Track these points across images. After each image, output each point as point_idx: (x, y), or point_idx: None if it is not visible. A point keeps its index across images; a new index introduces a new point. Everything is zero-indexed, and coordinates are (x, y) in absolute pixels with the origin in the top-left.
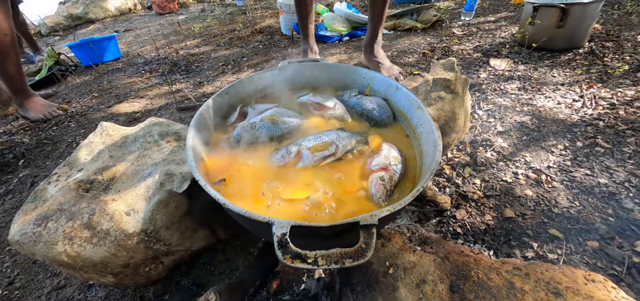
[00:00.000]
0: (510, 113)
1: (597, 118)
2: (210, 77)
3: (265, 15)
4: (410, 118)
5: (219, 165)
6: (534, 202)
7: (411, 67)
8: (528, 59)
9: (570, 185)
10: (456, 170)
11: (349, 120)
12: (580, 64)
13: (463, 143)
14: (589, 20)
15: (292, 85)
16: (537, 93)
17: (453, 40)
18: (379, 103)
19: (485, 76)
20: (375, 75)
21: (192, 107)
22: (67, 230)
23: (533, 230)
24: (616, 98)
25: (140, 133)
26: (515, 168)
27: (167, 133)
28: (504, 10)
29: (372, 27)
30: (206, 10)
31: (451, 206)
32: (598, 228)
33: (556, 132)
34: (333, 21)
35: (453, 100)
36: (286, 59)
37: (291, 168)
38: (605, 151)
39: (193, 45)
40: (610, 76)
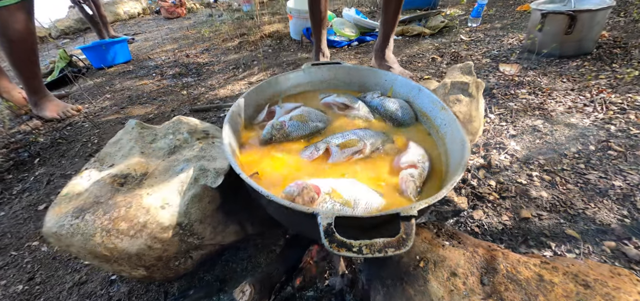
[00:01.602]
0: (522, 117)
1: (608, 123)
2: (221, 80)
3: (273, 20)
4: (433, 118)
5: (251, 160)
6: (549, 203)
7: (421, 71)
8: (537, 64)
9: (585, 187)
10: (471, 171)
11: (372, 119)
12: (589, 70)
13: (477, 146)
14: (597, 27)
15: (316, 86)
16: (548, 98)
17: (461, 46)
18: (402, 105)
19: (495, 81)
20: (397, 78)
21: (206, 108)
22: (105, 222)
23: (550, 231)
24: (626, 103)
25: (170, 131)
26: (529, 170)
27: (195, 131)
28: (510, 17)
29: (384, 32)
30: (214, 15)
31: (468, 206)
32: (614, 229)
33: (568, 136)
34: (342, 26)
35: (470, 102)
36: (308, 61)
37: (322, 163)
38: (618, 154)
39: (203, 48)
40: (619, 82)
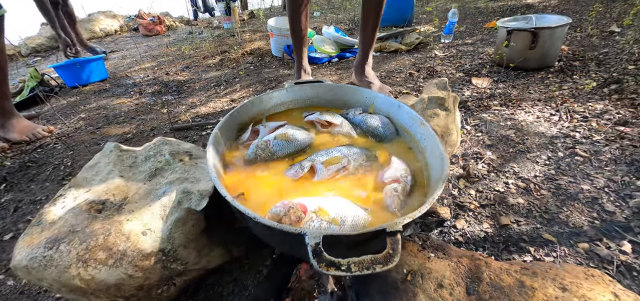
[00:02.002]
0: (495, 127)
1: (573, 130)
2: (203, 97)
3: (254, 37)
4: (413, 133)
5: (236, 181)
6: (526, 209)
7: (399, 86)
8: (506, 77)
9: (557, 192)
10: (451, 182)
11: (355, 136)
12: (552, 81)
13: (456, 157)
14: (557, 42)
15: (299, 104)
16: (517, 109)
17: (436, 61)
18: (383, 121)
19: (469, 94)
20: (377, 95)
21: (187, 127)
22: (82, 252)
23: (528, 236)
24: (588, 111)
25: (151, 153)
26: (505, 178)
27: (177, 152)
28: (479, 34)
29: (363, 49)
30: (194, 32)
31: (451, 216)
32: (586, 231)
33: (539, 144)
34: (322, 43)
35: (447, 116)
36: (287, 80)
37: (307, 181)
38: (584, 159)
39: (183, 66)
40: (580, 92)
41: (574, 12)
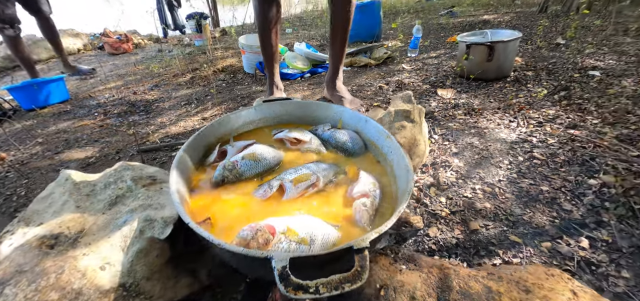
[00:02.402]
0: (461, 136)
1: (530, 135)
2: (172, 117)
3: (226, 55)
4: (380, 147)
5: (202, 205)
6: (493, 213)
7: (370, 99)
8: (468, 88)
9: (520, 194)
10: (423, 191)
11: (324, 152)
12: (510, 90)
13: (426, 166)
14: (511, 55)
15: (268, 122)
16: (480, 117)
17: (404, 74)
18: (351, 136)
19: (435, 104)
20: (345, 110)
21: (156, 148)
22: (30, 294)
23: (496, 239)
24: (542, 117)
25: (111, 180)
26: (472, 184)
27: (140, 178)
28: (443, 48)
29: (333, 65)
30: (164, 50)
31: (423, 225)
32: (548, 230)
33: (500, 150)
34: (294, 59)
35: (413, 127)
36: (259, 96)
37: (276, 201)
38: (541, 162)
39: (152, 84)
40: (534, 99)
41: (525, 27)
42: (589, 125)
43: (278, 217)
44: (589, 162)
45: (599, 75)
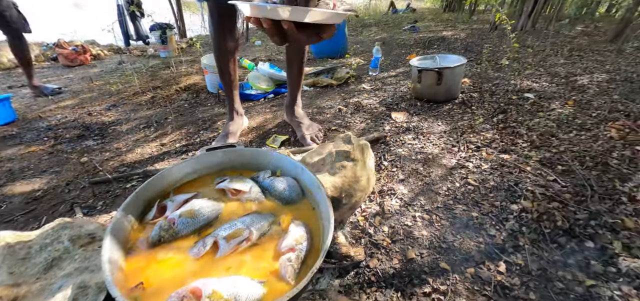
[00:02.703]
0: (408, 162)
1: (468, 160)
2: (130, 142)
3: (191, 71)
4: (315, 195)
5: (138, 267)
6: (428, 240)
7: (329, 122)
8: (420, 110)
9: (454, 221)
10: (368, 220)
11: (264, 200)
12: (456, 113)
13: (374, 193)
14: (458, 78)
15: (212, 170)
16: (427, 142)
17: (363, 95)
18: (290, 183)
19: (389, 128)
20: (284, 158)
21: (109, 180)
22: None
23: (429, 267)
24: (480, 141)
25: (47, 240)
26: (413, 212)
27: (79, 237)
28: (402, 66)
29: (291, 92)
30: (125, 62)
31: (365, 256)
32: (474, 255)
33: (441, 175)
34: (257, 80)
35: (354, 166)
36: (221, 120)
37: (210, 259)
38: (474, 188)
39: (110, 104)
40: (475, 122)
41: (477, 45)
42: (518, 150)
43: (206, 279)
44: (513, 187)
45: (533, 98)
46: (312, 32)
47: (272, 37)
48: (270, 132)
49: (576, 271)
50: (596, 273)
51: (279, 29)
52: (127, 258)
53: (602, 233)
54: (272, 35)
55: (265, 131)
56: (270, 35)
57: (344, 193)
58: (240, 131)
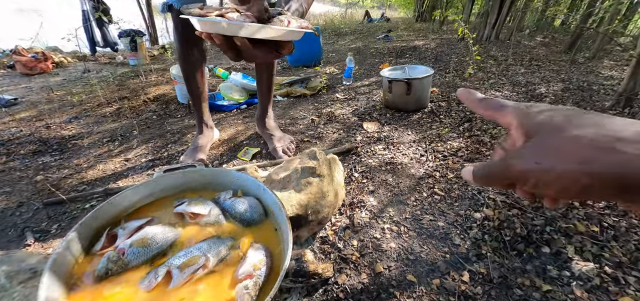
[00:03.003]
0: (378, 173)
1: (435, 170)
2: (91, 157)
3: (161, 80)
4: (276, 216)
5: None
6: (396, 253)
7: (301, 133)
8: (391, 120)
9: (420, 231)
10: (338, 234)
11: (224, 223)
12: (425, 122)
13: (344, 206)
14: (426, 88)
15: (169, 192)
16: (397, 152)
17: (336, 105)
18: (251, 204)
19: (360, 139)
20: (247, 178)
21: (64, 200)
22: None
23: (396, 280)
24: (446, 151)
25: None
26: (382, 224)
27: (17, 273)
28: (375, 75)
29: (262, 104)
30: (91, 71)
31: (334, 273)
32: (439, 266)
33: (409, 186)
34: (229, 90)
35: (320, 182)
36: (191, 133)
37: (162, 290)
38: (440, 198)
39: (71, 116)
40: (442, 131)
41: (446, 55)
42: (482, 158)
43: None
44: (476, 195)
45: None
46: (269, 48)
47: (225, 53)
48: (241, 144)
49: (534, 277)
50: (552, 278)
51: (232, 45)
52: (69, 295)
53: (557, 238)
54: (225, 51)
55: (237, 143)
56: (223, 51)
57: (310, 209)
58: (211, 144)
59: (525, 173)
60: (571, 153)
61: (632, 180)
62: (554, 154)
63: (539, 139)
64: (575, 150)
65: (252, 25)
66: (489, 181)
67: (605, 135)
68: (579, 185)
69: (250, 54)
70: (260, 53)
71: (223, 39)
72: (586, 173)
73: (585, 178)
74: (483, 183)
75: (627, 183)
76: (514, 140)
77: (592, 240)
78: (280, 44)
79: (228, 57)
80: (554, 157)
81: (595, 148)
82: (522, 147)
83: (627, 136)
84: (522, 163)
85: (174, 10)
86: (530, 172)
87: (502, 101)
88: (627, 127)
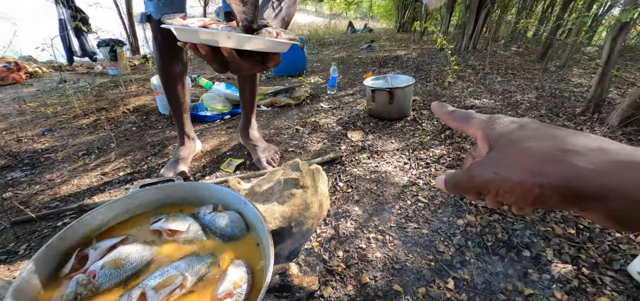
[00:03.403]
0: (363, 181)
1: (418, 177)
2: (65, 172)
3: (141, 90)
4: (258, 230)
5: None
6: (382, 262)
7: (286, 144)
8: (375, 128)
9: (405, 239)
10: (323, 245)
11: (204, 239)
12: (408, 130)
13: (329, 217)
14: (408, 97)
15: (146, 208)
16: (381, 161)
17: (321, 115)
18: (232, 218)
19: (345, 148)
20: (228, 192)
21: (33, 219)
22: None
23: (382, 291)
24: (429, 158)
25: None
26: (368, 233)
27: None
28: (359, 85)
29: (245, 115)
30: (67, 81)
31: (319, 285)
32: (425, 274)
33: (394, 194)
34: (212, 101)
35: (304, 193)
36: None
37: None
38: (424, 205)
39: (44, 128)
40: (425, 139)
41: (427, 64)
42: (464, 164)
43: None
44: (459, 202)
45: None
46: (256, 60)
47: (210, 64)
48: (225, 155)
49: (516, 281)
50: (533, 281)
51: (218, 56)
52: None
53: (537, 241)
54: (210, 63)
55: (220, 155)
56: (208, 62)
57: (293, 222)
58: (193, 156)
59: (485, 182)
60: (522, 165)
61: (581, 191)
62: (509, 165)
63: (497, 150)
64: (525, 161)
65: (241, 36)
66: (457, 190)
67: (556, 148)
68: (532, 194)
69: (237, 65)
70: (246, 64)
71: (209, 50)
72: (537, 184)
73: (537, 188)
74: (453, 191)
75: (577, 194)
76: (480, 150)
77: (569, 242)
78: (267, 55)
79: (213, 69)
80: (508, 168)
81: (545, 160)
82: (484, 158)
83: (577, 149)
84: (482, 173)
85: (153, 20)
86: (490, 182)
87: (469, 113)
88: (580, 141)
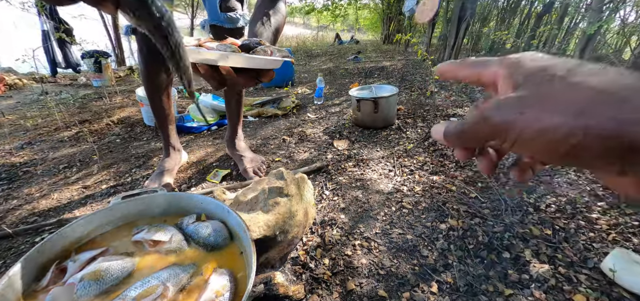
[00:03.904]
0: (349, 189)
1: (402, 184)
2: (45, 186)
3: (126, 101)
4: (242, 239)
5: None
6: (367, 269)
7: (273, 154)
8: (361, 137)
9: (390, 245)
10: (309, 253)
11: (186, 249)
12: (393, 138)
13: (315, 225)
14: (393, 106)
15: (129, 219)
16: (366, 168)
17: (308, 125)
18: (215, 228)
19: (331, 157)
20: (211, 202)
21: (10, 234)
22: None
23: (368, 297)
24: (413, 165)
25: None
26: (353, 240)
27: None
28: (345, 95)
29: (231, 126)
30: (49, 93)
31: (305, 294)
32: (409, 279)
33: (378, 201)
34: (199, 112)
35: (289, 201)
36: (158, 156)
37: None
38: (408, 211)
39: (24, 142)
40: (409, 146)
41: (411, 74)
42: (446, 170)
43: None
44: (442, 206)
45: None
46: (251, 75)
47: (209, 81)
48: (211, 166)
49: (497, 282)
50: (513, 282)
51: (216, 74)
52: None
53: (515, 243)
54: (208, 80)
55: (206, 165)
56: (207, 80)
57: (278, 230)
58: (178, 167)
59: (505, 125)
60: (565, 102)
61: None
62: (544, 103)
63: (527, 87)
64: (571, 98)
65: (241, 55)
66: (461, 138)
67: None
68: (567, 143)
69: (234, 81)
70: (242, 80)
71: (208, 68)
72: (581, 127)
73: (576, 134)
74: (453, 141)
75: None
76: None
77: (546, 242)
78: (260, 71)
79: (211, 86)
80: (542, 106)
81: (599, 99)
82: (505, 98)
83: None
84: (502, 114)
85: (139, 32)
86: (511, 125)
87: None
88: None
